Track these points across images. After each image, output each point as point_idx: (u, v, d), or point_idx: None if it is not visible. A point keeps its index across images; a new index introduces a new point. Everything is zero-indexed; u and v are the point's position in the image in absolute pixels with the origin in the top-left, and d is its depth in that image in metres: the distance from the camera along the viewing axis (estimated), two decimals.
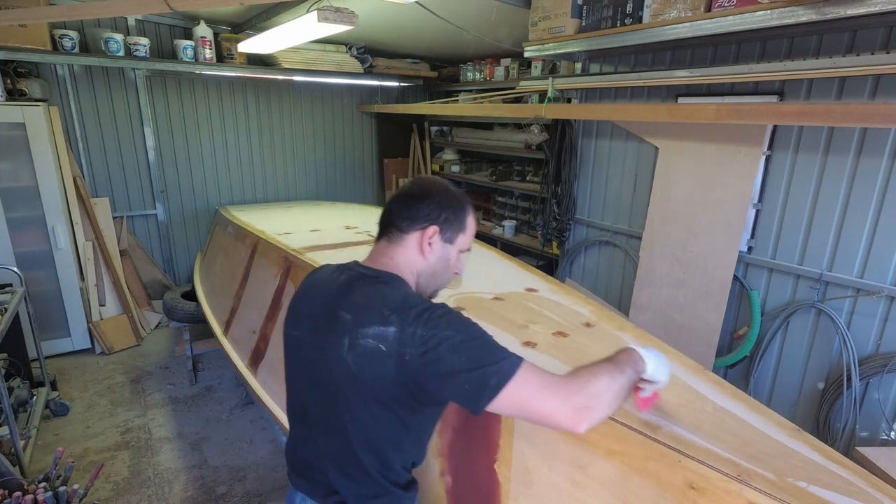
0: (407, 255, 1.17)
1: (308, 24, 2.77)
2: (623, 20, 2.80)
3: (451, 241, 1.19)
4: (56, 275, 4.01)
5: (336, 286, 1.16)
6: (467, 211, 1.21)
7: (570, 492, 1.25)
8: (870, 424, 2.56)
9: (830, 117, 2.14)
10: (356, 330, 1.05)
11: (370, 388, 1.05)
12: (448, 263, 1.21)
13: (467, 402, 0.98)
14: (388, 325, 1.02)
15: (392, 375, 1.02)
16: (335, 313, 1.11)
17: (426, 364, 0.98)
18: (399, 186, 1.23)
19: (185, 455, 3.05)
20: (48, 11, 3.46)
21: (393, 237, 1.18)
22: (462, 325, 1.02)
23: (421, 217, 1.16)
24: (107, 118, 4.53)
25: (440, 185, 1.21)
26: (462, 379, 0.96)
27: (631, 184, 3.49)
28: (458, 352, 0.97)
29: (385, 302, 1.06)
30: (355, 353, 1.05)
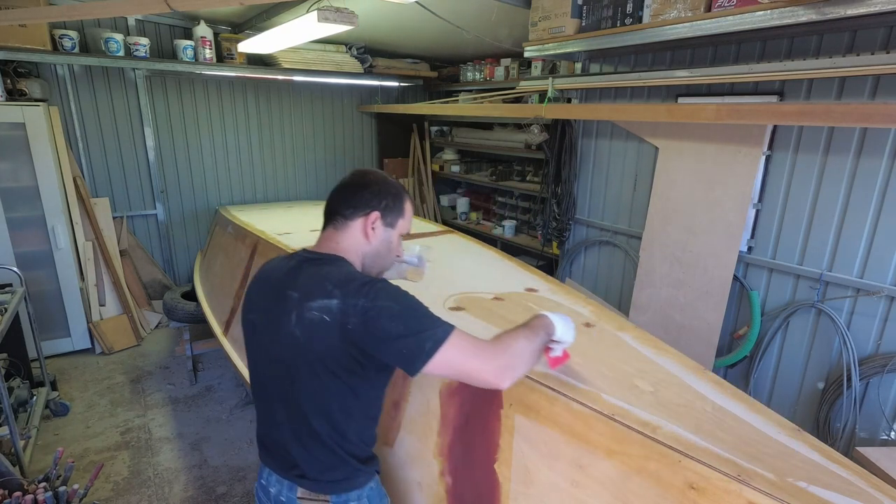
0: (352, 240, 1.28)
1: (308, 24, 2.76)
2: (623, 20, 2.80)
3: (392, 225, 1.31)
4: (56, 275, 4.01)
5: (285, 271, 1.26)
6: (405, 198, 1.34)
7: (570, 492, 1.25)
8: (870, 424, 2.56)
9: (830, 117, 2.14)
10: (302, 304, 1.15)
11: (318, 357, 1.14)
12: (390, 246, 1.33)
13: (406, 364, 1.10)
14: (331, 297, 1.12)
15: (337, 344, 1.12)
16: (284, 293, 1.21)
17: (368, 332, 1.09)
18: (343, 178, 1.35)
19: (185, 455, 3.05)
20: (48, 11, 3.46)
21: (338, 224, 1.28)
22: (400, 296, 1.13)
23: (364, 204, 1.27)
24: (107, 118, 4.53)
25: (379, 175, 1.32)
26: (401, 344, 1.08)
27: (631, 184, 3.49)
28: (397, 320, 1.09)
29: (328, 278, 1.16)
30: (302, 326, 1.14)
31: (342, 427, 1.21)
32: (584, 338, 1.72)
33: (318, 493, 1.25)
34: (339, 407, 1.19)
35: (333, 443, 1.21)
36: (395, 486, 1.66)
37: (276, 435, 1.28)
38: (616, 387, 1.38)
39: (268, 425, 1.31)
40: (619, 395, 1.33)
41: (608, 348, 1.64)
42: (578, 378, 1.41)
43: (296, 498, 1.26)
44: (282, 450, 1.27)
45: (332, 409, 1.19)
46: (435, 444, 1.55)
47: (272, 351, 1.23)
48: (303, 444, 1.23)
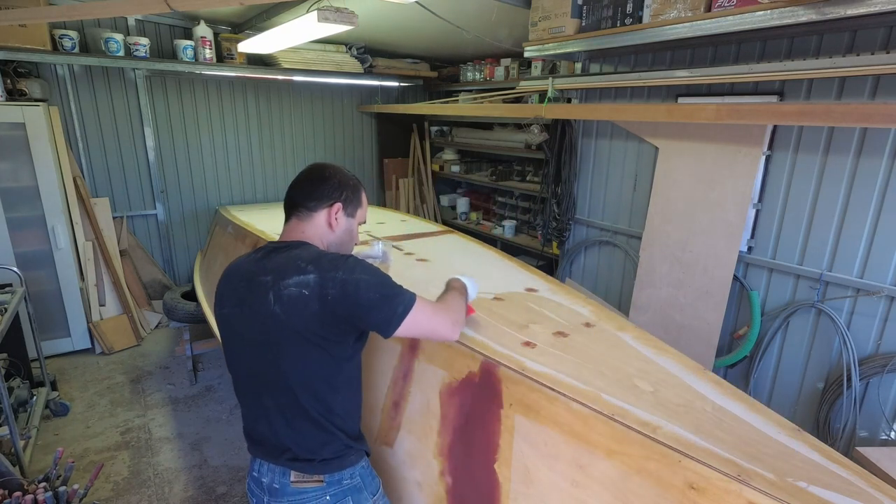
0: (317, 230, 1.37)
1: (308, 24, 2.76)
2: (623, 20, 2.80)
3: (353, 214, 1.43)
4: (56, 275, 4.01)
5: (252, 262, 1.33)
6: (361, 189, 1.46)
7: (570, 492, 1.25)
8: (870, 424, 2.56)
9: (830, 117, 2.14)
10: (278, 283, 1.22)
11: (299, 331, 1.21)
12: (351, 234, 1.44)
13: (382, 328, 1.24)
14: (306, 273, 1.21)
15: (317, 315, 1.19)
16: (255, 280, 1.27)
17: (348, 300, 1.19)
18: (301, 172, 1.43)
19: (185, 455, 3.05)
20: (48, 11, 3.46)
21: (302, 216, 1.36)
22: (371, 270, 1.26)
23: (326, 196, 1.36)
24: (107, 118, 4.53)
25: (337, 169, 1.41)
26: (378, 309, 1.21)
27: (631, 184, 3.49)
28: (373, 289, 1.22)
29: (299, 258, 1.25)
30: (281, 303, 1.21)
31: (328, 400, 1.27)
32: (584, 338, 1.72)
33: (311, 474, 1.28)
34: (324, 379, 1.26)
35: (322, 418, 1.26)
36: (395, 486, 1.66)
37: (264, 423, 1.31)
38: (616, 387, 1.38)
39: (255, 416, 1.34)
40: (619, 395, 1.33)
41: (608, 348, 1.64)
42: (579, 377, 1.41)
43: (289, 483, 1.29)
44: (271, 437, 1.30)
45: (318, 383, 1.25)
46: (435, 444, 1.55)
47: (252, 335, 1.27)
48: (292, 426, 1.27)
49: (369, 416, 1.76)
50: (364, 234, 3.17)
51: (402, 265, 2.55)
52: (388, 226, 3.46)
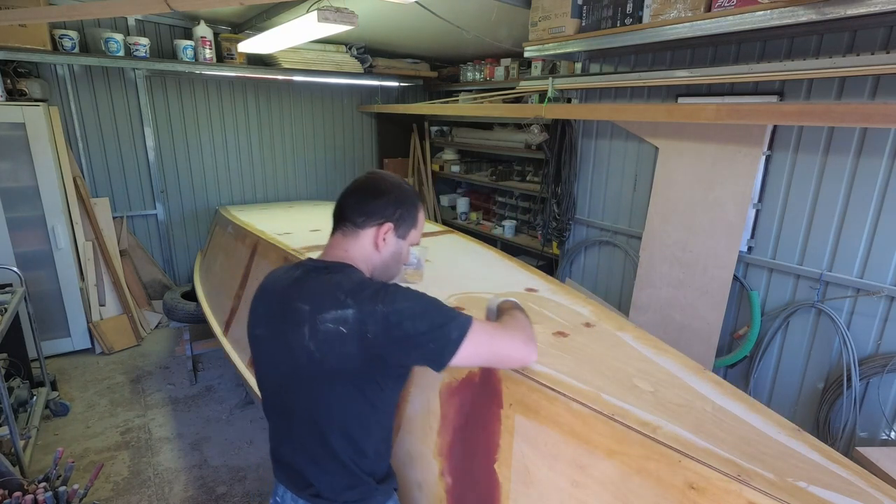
0: (362, 250, 1.23)
1: (308, 24, 2.76)
2: (623, 20, 2.80)
3: (404, 236, 1.27)
4: (56, 275, 4.01)
5: (291, 281, 1.21)
6: (419, 207, 1.29)
7: (570, 492, 1.25)
8: (870, 424, 2.56)
9: (830, 117, 2.14)
10: (314, 317, 1.10)
11: (335, 371, 1.10)
12: (399, 257, 1.29)
13: (434, 360, 1.08)
14: (345, 307, 1.08)
15: (355, 355, 1.08)
16: (291, 305, 1.15)
17: (390, 336, 1.06)
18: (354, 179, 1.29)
19: (185, 455, 3.05)
20: (48, 11, 3.46)
21: (348, 231, 1.23)
22: (415, 296, 1.11)
23: (377, 213, 1.22)
24: (107, 118, 4.53)
25: (395, 182, 1.26)
26: (426, 340, 1.06)
27: (631, 184, 3.49)
28: (420, 319, 1.07)
29: (339, 287, 1.12)
30: (317, 340, 1.09)
31: (361, 444, 1.17)
32: (584, 338, 1.72)
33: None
34: (359, 422, 1.16)
35: (351, 461, 1.17)
36: None
37: (290, 452, 1.24)
38: (616, 387, 1.38)
39: (282, 442, 1.27)
40: (619, 395, 1.33)
41: (608, 348, 1.64)
42: (579, 377, 1.41)
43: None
44: (296, 468, 1.23)
45: (351, 425, 1.15)
46: (435, 444, 1.55)
47: (284, 367, 1.18)
48: (318, 464, 1.19)
49: None
50: None
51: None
52: None
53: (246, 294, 2.93)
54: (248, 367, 2.61)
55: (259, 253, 2.96)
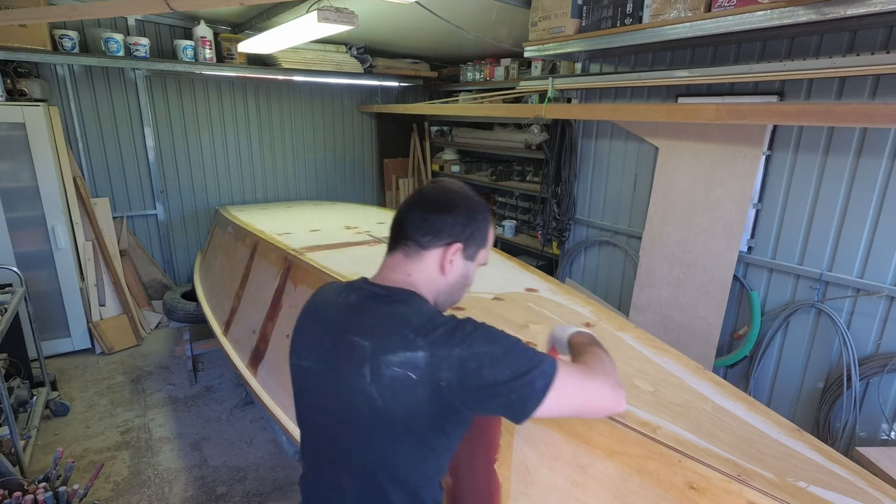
0: (426, 273, 1.08)
1: (308, 24, 2.77)
2: (623, 20, 2.80)
3: (472, 257, 1.12)
4: (56, 275, 4.01)
5: (344, 307, 1.06)
6: (489, 223, 1.14)
7: (570, 492, 1.25)
8: (870, 424, 2.56)
9: (830, 117, 2.14)
10: (377, 358, 0.96)
11: (399, 421, 0.97)
12: (466, 280, 1.14)
13: (514, 411, 0.94)
14: (415, 349, 0.94)
15: (425, 404, 0.94)
16: (347, 339, 1.01)
17: (466, 385, 0.92)
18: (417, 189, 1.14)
19: (185, 455, 3.05)
20: (48, 11, 3.46)
21: (410, 252, 1.07)
22: (496, 336, 0.97)
23: (445, 232, 1.06)
24: (107, 118, 4.53)
25: (465, 195, 1.10)
26: (507, 390, 0.92)
27: (631, 184, 3.49)
28: (501, 364, 0.92)
29: (406, 323, 0.97)
30: (380, 385, 0.95)
31: (421, 493, 1.05)
32: None
33: None
34: (421, 472, 1.03)
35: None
36: None
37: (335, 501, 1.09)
38: None
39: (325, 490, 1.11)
40: None
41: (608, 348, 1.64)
42: None
43: None
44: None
45: (412, 476, 1.03)
46: None
47: (336, 410, 1.04)
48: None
49: None
50: (365, 234, 3.17)
51: None
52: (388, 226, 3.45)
53: (246, 294, 2.93)
54: (247, 368, 2.61)
55: (259, 253, 2.96)
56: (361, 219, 3.73)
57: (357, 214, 4.04)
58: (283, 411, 2.19)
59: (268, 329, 2.54)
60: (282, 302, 2.51)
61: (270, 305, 2.58)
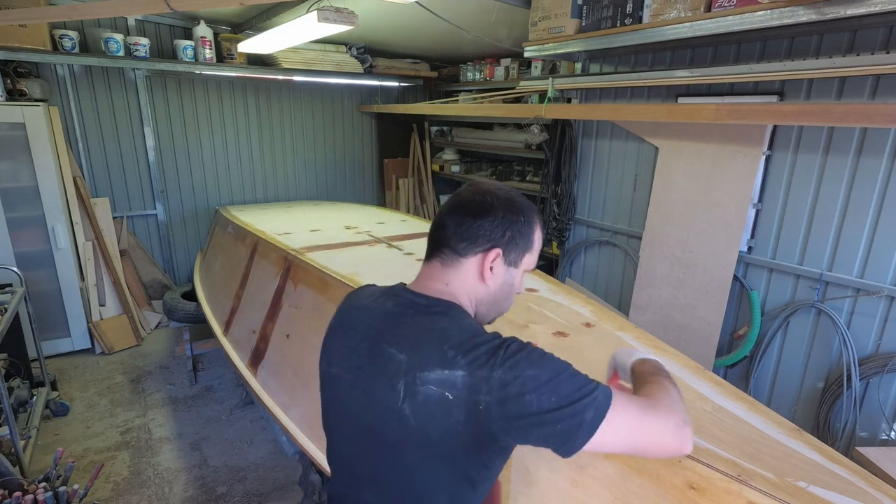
0: (465, 282, 1.01)
1: (308, 24, 2.76)
2: (623, 20, 2.80)
3: (516, 263, 1.02)
4: (56, 275, 4.01)
5: (381, 316, 1.01)
6: (534, 225, 1.03)
7: (570, 492, 1.25)
8: (870, 424, 2.56)
9: (830, 117, 2.14)
10: (413, 373, 0.89)
11: (433, 443, 0.90)
12: (511, 289, 1.05)
13: (560, 444, 0.86)
14: (453, 368, 0.87)
15: (461, 427, 0.87)
16: (382, 350, 0.95)
17: (508, 412, 0.84)
18: (455, 192, 1.06)
19: (185, 455, 3.05)
20: (48, 11, 3.46)
21: (447, 260, 1.00)
22: (543, 359, 0.88)
23: (482, 238, 0.98)
24: (107, 118, 4.53)
25: (504, 197, 1.00)
26: (553, 419, 0.83)
27: (631, 184, 3.49)
28: (546, 391, 0.84)
29: (446, 338, 0.90)
30: (414, 403, 0.89)
31: None
32: (584, 338, 1.72)
33: None
34: (453, 498, 0.96)
35: None
36: None
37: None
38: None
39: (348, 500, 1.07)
40: None
41: (608, 348, 1.64)
42: None
43: None
44: None
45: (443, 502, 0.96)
46: None
47: (365, 422, 0.98)
48: None
49: None
50: (365, 233, 3.17)
51: (402, 265, 2.55)
52: (388, 226, 3.45)
53: (246, 294, 2.93)
54: (247, 368, 2.61)
55: (259, 253, 2.96)
56: (361, 219, 3.73)
57: (357, 214, 4.04)
58: (283, 411, 2.19)
59: (268, 329, 2.54)
60: (282, 302, 2.51)
61: (270, 305, 2.58)
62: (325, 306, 2.20)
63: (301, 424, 2.07)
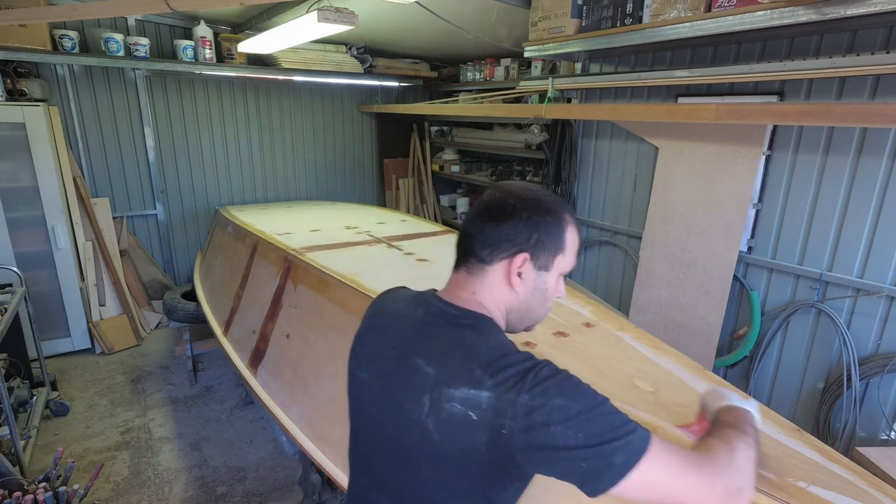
0: (492, 291, 0.95)
1: (308, 24, 2.76)
2: (623, 20, 2.80)
3: (547, 266, 0.95)
4: (56, 275, 4.01)
5: (411, 324, 0.98)
6: (565, 224, 0.95)
7: (570, 491, 1.25)
8: (870, 424, 2.56)
9: (830, 117, 2.14)
10: (439, 389, 0.86)
11: (453, 461, 0.87)
12: (545, 294, 0.98)
13: (584, 483, 0.80)
14: (479, 387, 0.83)
15: (484, 448, 0.83)
16: (410, 360, 0.93)
17: (531, 440, 0.80)
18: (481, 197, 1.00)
19: (185, 455, 3.05)
20: (48, 11, 3.46)
21: (473, 268, 0.96)
22: (575, 389, 0.83)
23: (506, 243, 0.92)
24: (107, 118, 4.53)
25: (529, 197, 0.94)
26: (578, 456, 0.78)
27: (631, 184, 3.49)
28: (574, 425, 0.78)
29: (474, 355, 0.87)
30: (438, 419, 0.86)
31: None
32: (584, 338, 1.72)
33: None
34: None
35: None
36: None
37: None
38: (616, 387, 1.38)
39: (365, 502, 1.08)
40: (619, 395, 1.33)
41: (608, 348, 1.64)
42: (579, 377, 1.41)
43: None
44: None
45: None
46: None
47: (388, 430, 0.96)
48: None
49: None
50: (365, 233, 3.17)
51: (402, 265, 2.55)
52: (388, 226, 3.45)
53: (246, 294, 2.93)
54: (247, 368, 2.61)
55: (259, 253, 2.96)
56: (361, 219, 3.73)
57: (357, 214, 4.04)
58: (283, 411, 2.19)
59: (268, 329, 2.54)
60: (282, 302, 2.51)
61: (270, 305, 2.58)
62: (324, 306, 2.20)
63: (301, 424, 2.07)
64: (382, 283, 2.14)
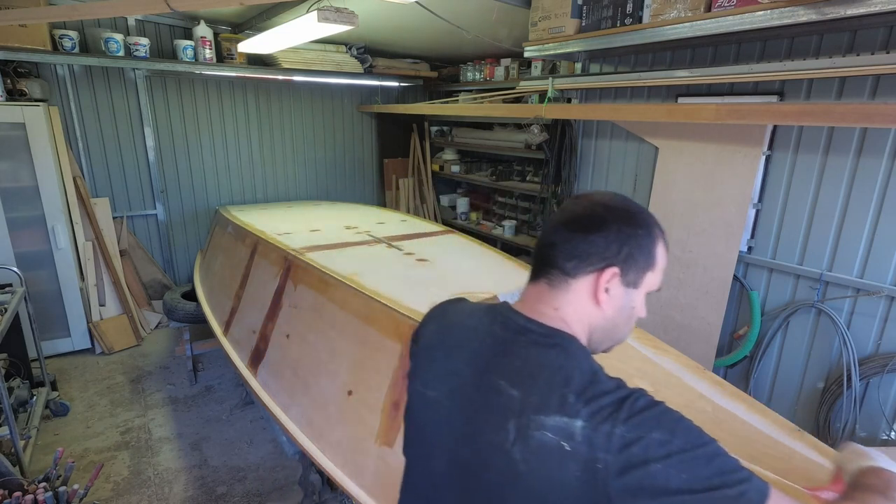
0: (576, 306, 0.88)
1: (308, 24, 2.76)
2: (623, 20, 2.80)
3: (636, 283, 0.89)
4: (56, 275, 4.01)
5: (490, 340, 0.89)
6: (656, 239, 0.89)
7: None
8: (870, 424, 2.56)
9: (830, 117, 2.14)
10: (527, 416, 0.78)
11: (539, 494, 0.78)
12: (632, 312, 0.92)
13: None
14: (573, 416, 0.75)
15: (575, 483, 0.74)
16: (491, 380, 0.84)
17: (629, 480, 0.71)
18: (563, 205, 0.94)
19: (185, 455, 3.05)
20: (48, 11, 3.46)
21: (555, 281, 0.88)
22: (677, 424, 0.75)
23: (594, 256, 0.85)
24: (107, 118, 4.53)
25: (619, 207, 0.88)
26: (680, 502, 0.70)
27: (631, 184, 3.49)
28: (677, 464, 0.70)
29: (566, 381, 0.79)
30: (526, 448, 0.77)
31: None
32: None
33: None
34: None
35: None
36: (394, 487, 1.65)
37: None
38: None
39: None
40: None
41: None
42: None
43: None
44: None
45: None
46: None
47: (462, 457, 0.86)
48: None
49: (370, 416, 1.76)
50: (365, 233, 3.17)
51: (402, 265, 2.55)
52: (388, 226, 3.45)
53: (246, 294, 2.93)
54: (247, 368, 2.61)
55: (259, 253, 2.96)
56: (361, 219, 3.73)
57: (357, 214, 4.04)
58: (283, 411, 2.19)
59: (268, 329, 2.54)
60: (282, 302, 2.51)
61: (270, 305, 2.57)
62: (324, 306, 2.20)
63: (301, 424, 2.07)
64: (382, 283, 2.14)
